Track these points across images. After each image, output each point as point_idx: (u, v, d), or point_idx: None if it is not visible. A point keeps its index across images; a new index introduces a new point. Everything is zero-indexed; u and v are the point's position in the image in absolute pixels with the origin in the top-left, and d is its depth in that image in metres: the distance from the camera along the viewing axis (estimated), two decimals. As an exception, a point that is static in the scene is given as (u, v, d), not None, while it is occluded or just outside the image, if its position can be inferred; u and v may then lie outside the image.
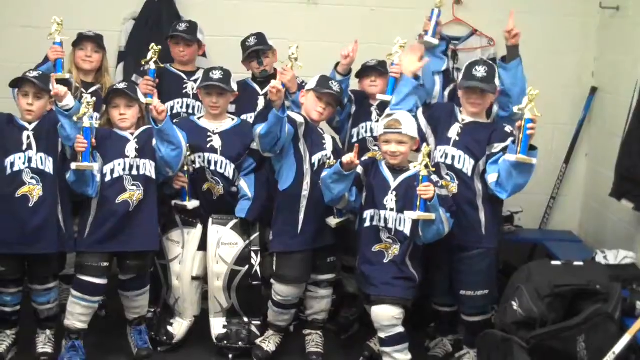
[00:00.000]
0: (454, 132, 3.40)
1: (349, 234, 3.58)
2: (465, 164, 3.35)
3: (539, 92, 3.01)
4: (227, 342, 3.66)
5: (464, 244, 3.38)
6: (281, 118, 3.30)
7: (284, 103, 3.32)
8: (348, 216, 3.56)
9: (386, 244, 3.34)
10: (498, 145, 3.29)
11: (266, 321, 3.71)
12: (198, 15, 4.27)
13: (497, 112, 3.49)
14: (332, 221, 3.54)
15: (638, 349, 3.00)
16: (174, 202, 3.63)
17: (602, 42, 4.46)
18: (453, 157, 3.37)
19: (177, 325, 3.72)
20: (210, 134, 3.64)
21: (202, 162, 3.63)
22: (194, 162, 3.62)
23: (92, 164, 3.28)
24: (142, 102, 3.55)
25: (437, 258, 3.47)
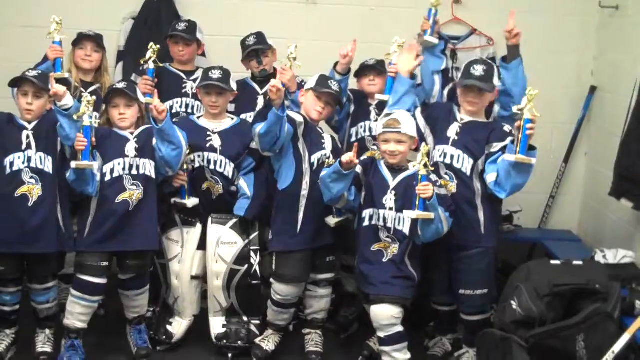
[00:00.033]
0: (452, 132, 3.39)
1: (348, 233, 3.57)
2: (464, 164, 3.35)
3: (539, 92, 3.00)
4: (226, 341, 3.66)
5: (463, 243, 3.38)
6: (281, 117, 3.30)
7: (283, 102, 3.32)
8: (347, 215, 3.56)
9: (385, 243, 3.34)
10: (497, 145, 3.29)
11: (265, 320, 3.71)
12: (197, 14, 4.27)
13: (498, 112, 3.49)
14: (332, 220, 3.54)
15: (637, 348, 2.99)
16: (174, 200, 3.63)
17: (601, 42, 4.45)
18: (452, 157, 3.37)
19: (176, 325, 3.72)
20: (209, 134, 3.64)
21: (202, 161, 3.63)
22: (193, 161, 3.62)
23: (92, 162, 3.28)
24: (141, 101, 3.55)
25: (436, 257, 3.47)
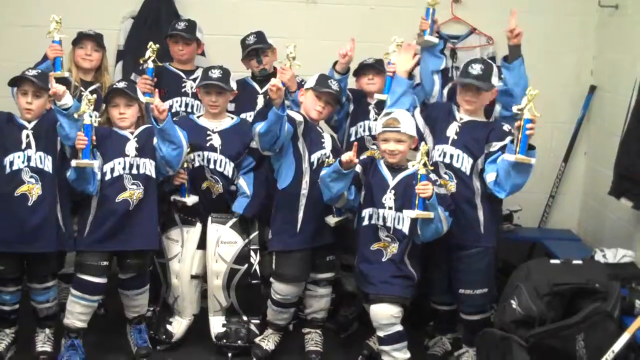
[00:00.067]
0: (452, 131, 3.39)
1: (347, 232, 3.57)
2: (464, 163, 3.35)
3: (538, 92, 3.00)
4: (226, 340, 3.66)
5: (463, 242, 3.38)
6: (281, 116, 3.30)
7: (283, 101, 3.32)
8: (347, 215, 3.56)
9: (384, 243, 3.34)
10: (496, 144, 3.28)
11: (265, 320, 3.71)
12: (197, 14, 4.27)
13: (499, 112, 3.48)
14: (331, 220, 3.54)
15: (637, 348, 2.99)
16: (173, 198, 3.63)
17: (601, 41, 4.46)
18: (451, 156, 3.36)
19: (176, 324, 3.72)
20: (209, 133, 3.64)
21: (202, 160, 3.62)
22: (193, 160, 3.62)
23: (92, 161, 3.27)
24: (141, 101, 3.55)
25: (435, 257, 3.47)
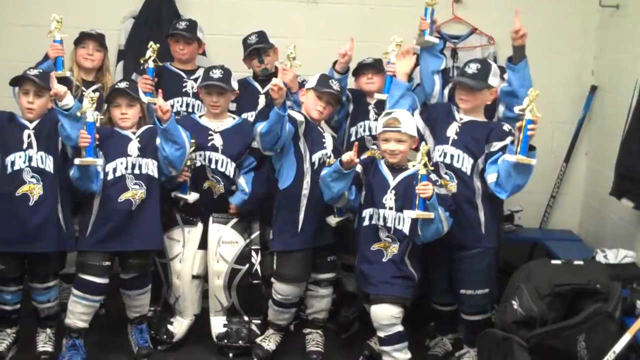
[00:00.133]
0: (452, 131, 3.39)
1: (348, 232, 3.57)
2: (464, 163, 3.34)
3: (540, 93, 3.00)
4: (227, 340, 3.67)
5: (464, 243, 3.38)
6: (282, 116, 3.30)
7: (284, 101, 3.32)
8: (348, 215, 3.55)
9: (385, 243, 3.34)
10: (497, 144, 3.28)
11: (266, 320, 3.71)
12: (198, 13, 4.26)
13: (503, 113, 3.48)
14: (332, 220, 3.54)
15: (638, 348, 2.99)
16: (174, 194, 3.62)
17: (601, 41, 4.45)
18: (452, 156, 3.36)
19: (177, 324, 3.72)
20: (211, 133, 3.64)
21: (203, 160, 3.62)
22: (195, 159, 3.61)
23: (96, 159, 3.27)
24: (143, 101, 3.55)
25: (436, 257, 3.46)
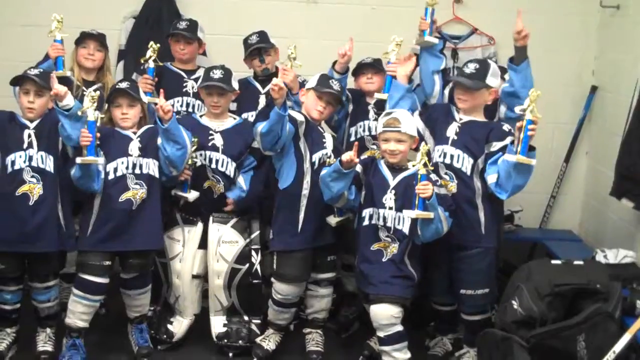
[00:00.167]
0: (452, 132, 3.39)
1: (348, 232, 3.57)
2: (464, 163, 3.34)
3: (540, 93, 3.00)
4: (227, 340, 3.67)
5: (463, 243, 3.38)
6: (282, 116, 3.30)
7: (285, 101, 3.32)
8: (348, 215, 3.55)
9: (385, 243, 3.34)
10: (497, 144, 3.28)
11: (266, 320, 3.71)
12: (198, 13, 4.26)
13: (505, 113, 3.47)
14: (332, 220, 3.54)
15: (638, 348, 2.99)
16: (174, 192, 3.62)
17: (602, 41, 4.45)
18: (452, 156, 3.36)
19: (177, 324, 3.72)
20: (212, 133, 3.64)
21: (204, 160, 3.62)
22: (195, 158, 3.62)
23: (97, 157, 3.27)
24: (144, 101, 3.55)
25: (436, 257, 3.46)
